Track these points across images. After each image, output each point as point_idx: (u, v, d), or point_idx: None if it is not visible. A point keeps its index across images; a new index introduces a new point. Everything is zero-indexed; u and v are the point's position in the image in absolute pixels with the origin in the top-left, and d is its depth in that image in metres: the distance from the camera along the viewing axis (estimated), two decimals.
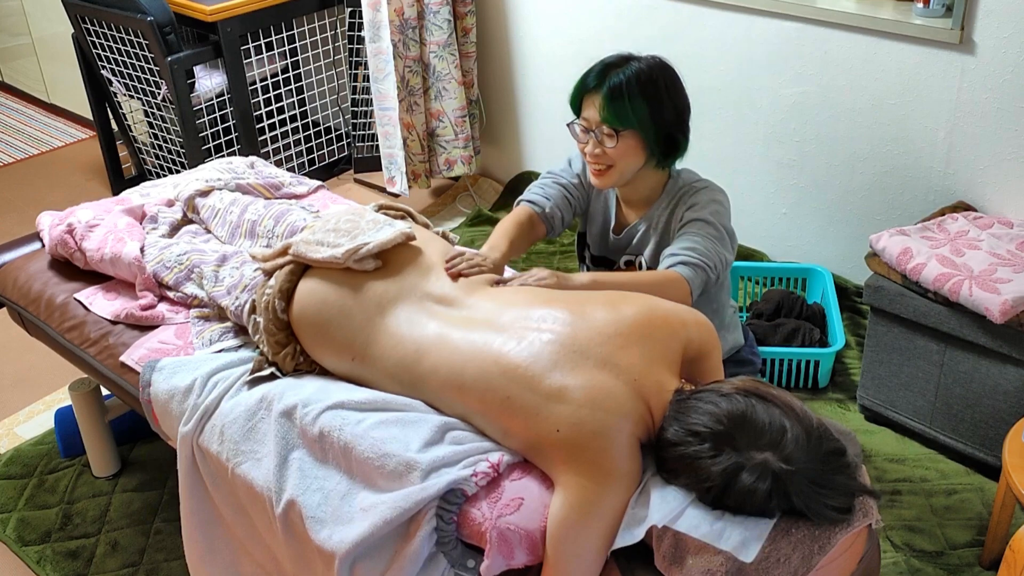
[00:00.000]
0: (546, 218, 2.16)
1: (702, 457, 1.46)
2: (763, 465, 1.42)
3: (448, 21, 3.48)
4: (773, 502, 1.43)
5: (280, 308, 1.86)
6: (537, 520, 1.53)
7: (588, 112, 2.01)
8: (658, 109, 1.98)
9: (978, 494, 2.38)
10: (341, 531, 1.59)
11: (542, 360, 1.58)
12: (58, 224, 2.35)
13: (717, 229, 2.01)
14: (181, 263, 2.18)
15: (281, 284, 1.87)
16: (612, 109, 1.96)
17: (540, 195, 2.17)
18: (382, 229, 1.87)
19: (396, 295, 1.79)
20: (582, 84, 2.02)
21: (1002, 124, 2.57)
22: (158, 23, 3.35)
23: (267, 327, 1.87)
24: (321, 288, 1.84)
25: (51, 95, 5.10)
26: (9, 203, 4.20)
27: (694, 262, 1.95)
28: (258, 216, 2.25)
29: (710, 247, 1.98)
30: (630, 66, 1.99)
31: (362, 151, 3.98)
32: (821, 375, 2.75)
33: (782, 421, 1.45)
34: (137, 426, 2.70)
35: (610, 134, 1.98)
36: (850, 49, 2.78)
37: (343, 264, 1.82)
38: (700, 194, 2.07)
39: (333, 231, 1.89)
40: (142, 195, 2.52)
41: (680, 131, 2.04)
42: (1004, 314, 2.18)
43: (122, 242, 2.24)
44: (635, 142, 2.00)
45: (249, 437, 1.78)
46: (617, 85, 1.96)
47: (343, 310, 1.80)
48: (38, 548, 2.39)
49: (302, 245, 1.89)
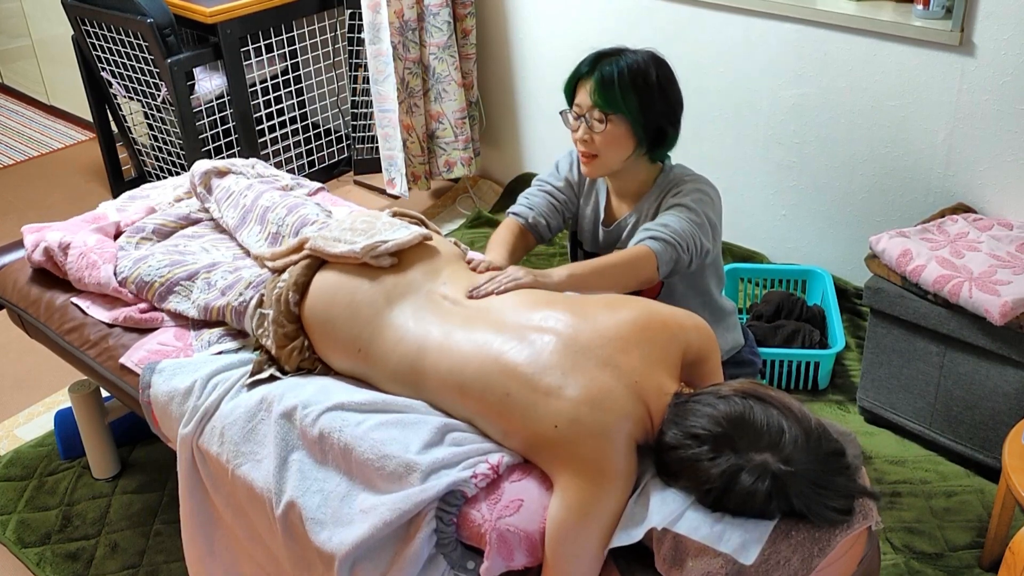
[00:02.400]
0: (531, 227, 2.21)
1: (701, 460, 1.46)
2: (762, 466, 1.42)
3: (448, 23, 3.49)
4: (773, 503, 1.43)
5: (294, 301, 1.88)
6: (537, 522, 1.53)
7: (580, 98, 2.05)
8: (648, 99, 2.01)
9: (978, 496, 2.38)
10: (341, 533, 1.59)
11: (543, 359, 1.59)
12: (33, 250, 2.32)
13: (698, 215, 2.03)
14: (162, 276, 2.15)
15: (296, 277, 1.90)
16: (602, 93, 2.00)
17: (524, 205, 2.22)
18: (399, 230, 1.92)
19: (404, 293, 1.82)
20: (576, 72, 2.06)
21: (1002, 126, 2.57)
22: (158, 25, 3.35)
23: (276, 319, 1.88)
24: (336, 280, 1.87)
25: (51, 97, 5.10)
26: (9, 205, 4.20)
27: (664, 237, 1.97)
28: (272, 203, 2.25)
29: (685, 227, 1.99)
30: (624, 56, 2.03)
31: (362, 153, 3.98)
32: (821, 377, 2.75)
33: (781, 422, 1.46)
34: (137, 428, 2.70)
35: (599, 118, 2.01)
36: (850, 51, 2.78)
37: (361, 259, 1.86)
38: (687, 184, 2.09)
39: (350, 230, 1.94)
40: (119, 208, 2.50)
41: (670, 123, 2.06)
42: (1004, 316, 2.18)
43: (95, 267, 2.21)
44: (624, 129, 2.02)
45: (249, 439, 1.78)
46: (609, 71, 2.00)
47: (352, 304, 1.82)
48: (38, 550, 2.39)
49: (320, 240, 1.92)
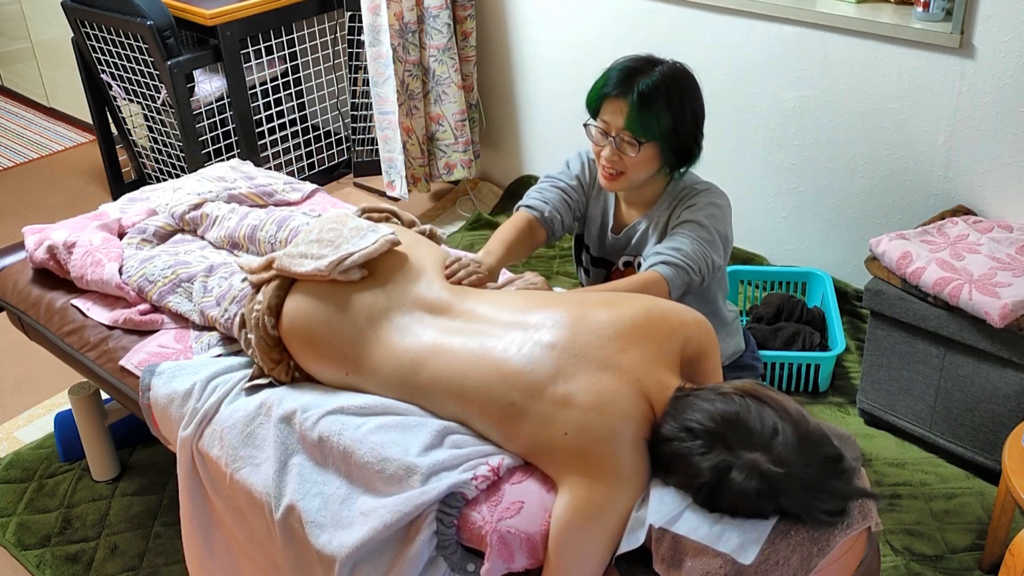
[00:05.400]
0: (545, 222, 2.14)
1: (693, 454, 1.46)
2: (752, 465, 1.42)
3: (448, 25, 3.49)
4: (763, 503, 1.42)
5: (271, 325, 1.83)
6: (537, 523, 1.53)
7: (610, 117, 1.98)
8: (681, 120, 1.97)
9: (978, 498, 2.38)
10: (341, 535, 1.59)
11: (543, 366, 1.58)
12: (36, 248, 2.32)
13: (710, 232, 2.00)
14: (165, 276, 2.15)
15: (269, 300, 1.84)
16: (639, 120, 1.94)
17: (538, 199, 2.15)
18: (366, 236, 1.84)
19: (385, 306, 1.77)
20: (603, 87, 1.99)
21: (1002, 128, 2.57)
22: (158, 27, 3.35)
23: (259, 344, 1.84)
24: (308, 303, 1.80)
25: (51, 99, 5.10)
26: (9, 207, 4.20)
27: (676, 262, 1.94)
28: (259, 221, 2.23)
29: (697, 249, 1.97)
30: (655, 73, 1.95)
31: (362, 155, 3.98)
32: (821, 379, 2.75)
33: (775, 423, 1.45)
34: (137, 430, 2.70)
35: (632, 143, 1.96)
36: (850, 53, 2.79)
37: (328, 276, 1.79)
38: (700, 196, 2.06)
39: (316, 242, 1.86)
40: (121, 209, 2.50)
41: (696, 142, 2.03)
42: (1004, 318, 2.18)
43: (99, 265, 2.21)
44: (655, 151, 1.99)
45: (248, 442, 1.78)
46: (646, 95, 1.93)
47: (332, 325, 1.77)
48: (38, 552, 2.38)
49: (285, 259, 1.85)
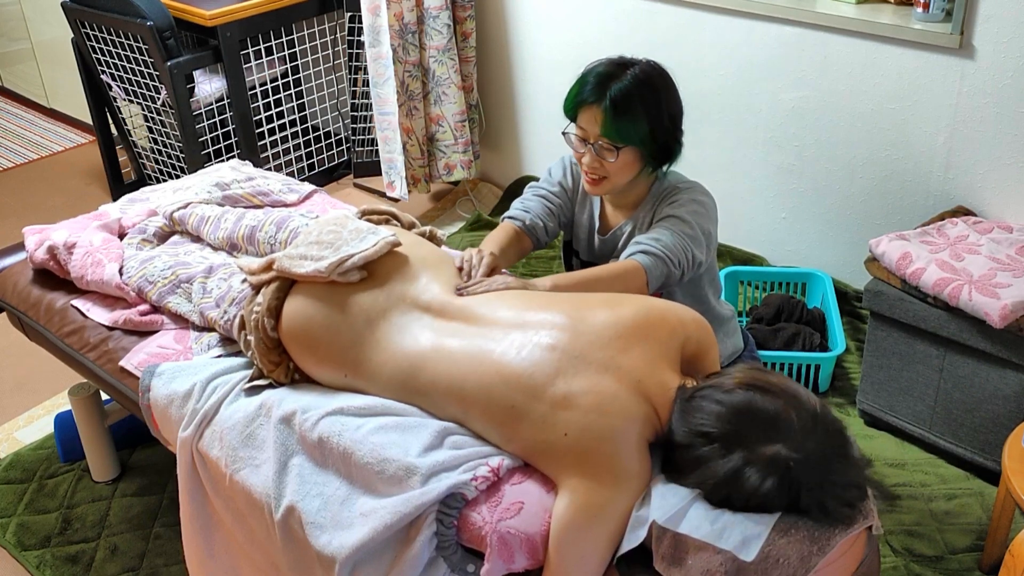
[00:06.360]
0: (528, 230, 2.16)
1: (713, 458, 1.46)
2: (774, 458, 1.42)
3: (448, 26, 3.49)
4: (780, 495, 1.42)
5: (270, 327, 1.83)
6: (538, 524, 1.53)
7: (587, 124, 1.99)
8: (658, 122, 1.97)
9: (978, 499, 2.38)
10: (341, 536, 1.59)
11: (544, 368, 1.58)
12: (36, 249, 2.32)
13: (692, 228, 2.00)
14: (165, 277, 2.14)
15: (269, 302, 1.84)
16: (614, 126, 1.95)
17: (520, 209, 2.18)
18: (365, 238, 1.84)
19: (384, 307, 1.77)
20: (579, 94, 2.00)
21: (1002, 128, 2.57)
22: (158, 28, 3.35)
23: (259, 346, 1.84)
24: (307, 305, 1.81)
25: (51, 100, 5.10)
26: (9, 208, 4.20)
27: (655, 252, 1.94)
28: (258, 222, 2.22)
29: (676, 241, 1.97)
30: (627, 77, 1.95)
31: (362, 156, 3.98)
32: (821, 379, 2.75)
33: (786, 411, 1.45)
34: (137, 431, 2.70)
35: (610, 149, 1.97)
36: (850, 54, 2.79)
37: (327, 278, 1.79)
38: (683, 193, 2.06)
39: (316, 243, 1.86)
40: (121, 209, 2.49)
41: (675, 139, 2.03)
42: (1004, 319, 2.18)
43: (100, 265, 2.21)
44: (634, 155, 1.99)
45: (247, 443, 1.78)
46: (618, 100, 1.93)
47: (331, 327, 1.77)
48: (38, 553, 2.38)
49: (286, 260, 1.85)
